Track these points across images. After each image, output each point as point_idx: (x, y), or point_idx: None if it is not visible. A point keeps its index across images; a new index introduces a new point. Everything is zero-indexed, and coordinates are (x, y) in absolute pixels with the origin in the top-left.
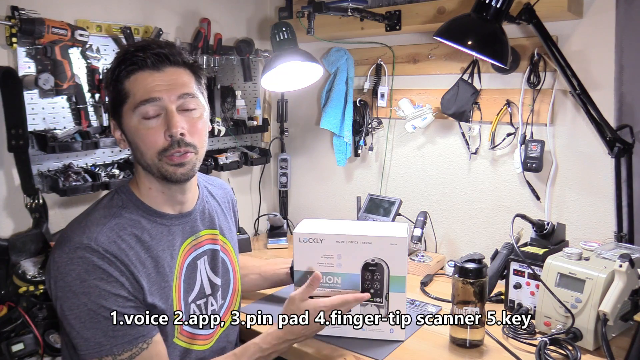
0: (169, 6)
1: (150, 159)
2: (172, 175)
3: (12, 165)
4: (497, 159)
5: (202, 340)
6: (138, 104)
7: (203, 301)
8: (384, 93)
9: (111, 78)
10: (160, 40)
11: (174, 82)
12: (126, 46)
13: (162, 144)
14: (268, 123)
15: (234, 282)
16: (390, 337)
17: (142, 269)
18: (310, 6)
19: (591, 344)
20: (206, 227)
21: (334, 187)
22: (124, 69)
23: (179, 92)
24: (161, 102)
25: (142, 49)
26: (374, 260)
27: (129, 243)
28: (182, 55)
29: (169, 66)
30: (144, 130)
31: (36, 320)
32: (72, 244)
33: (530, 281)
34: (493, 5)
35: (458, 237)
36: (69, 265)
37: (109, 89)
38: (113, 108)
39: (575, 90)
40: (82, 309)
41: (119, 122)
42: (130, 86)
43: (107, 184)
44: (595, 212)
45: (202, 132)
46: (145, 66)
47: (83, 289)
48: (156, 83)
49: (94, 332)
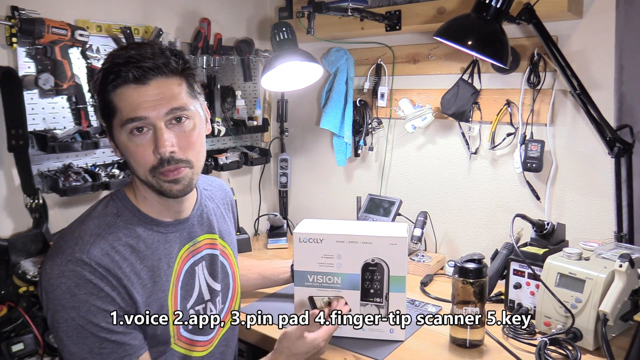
0: (169, 6)
1: (144, 176)
2: (169, 192)
3: (12, 165)
4: (497, 159)
5: (201, 346)
6: (125, 121)
7: (202, 307)
8: (384, 93)
9: (98, 89)
10: (148, 47)
11: (161, 97)
12: (113, 52)
13: (152, 161)
14: (268, 123)
15: (233, 285)
16: (390, 337)
17: (137, 281)
18: (310, 6)
19: (591, 344)
20: (204, 232)
21: (334, 187)
22: (109, 82)
23: (167, 107)
24: (148, 120)
25: (124, 62)
26: (374, 260)
27: (123, 255)
28: (169, 64)
29: (154, 78)
30: (133, 147)
31: (36, 320)
32: (64, 256)
33: (530, 281)
34: (493, 5)
35: (458, 237)
36: (60, 278)
37: (97, 99)
38: (103, 118)
39: (575, 90)
40: (70, 323)
41: (110, 133)
42: (117, 101)
43: (107, 184)
44: (595, 212)
45: (196, 144)
46: (128, 80)
47: (72, 303)
48: (142, 99)
49: (80, 348)
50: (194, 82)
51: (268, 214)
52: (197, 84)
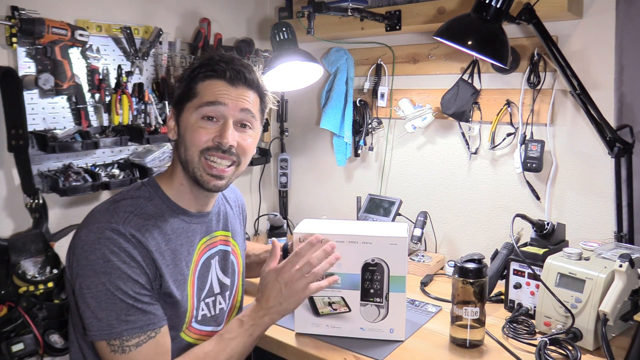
0: (169, 6)
1: (191, 155)
2: (205, 184)
3: (12, 165)
4: (497, 159)
5: (210, 337)
6: (203, 103)
7: (212, 299)
8: (384, 93)
9: (188, 75)
10: (243, 60)
11: (241, 98)
12: (212, 53)
13: (210, 144)
14: (268, 123)
15: (237, 283)
16: (390, 337)
17: (162, 259)
18: (310, 6)
19: (591, 344)
20: (220, 229)
21: (334, 187)
22: (203, 72)
23: (242, 107)
24: (224, 109)
25: (225, 61)
26: (374, 260)
27: (152, 233)
28: (257, 80)
29: (242, 85)
30: (197, 128)
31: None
32: (101, 224)
33: (530, 281)
34: (493, 5)
35: (458, 237)
36: (95, 244)
37: (182, 84)
38: (178, 101)
39: (575, 90)
40: (100, 289)
41: (177, 114)
42: (202, 88)
43: (107, 184)
44: (595, 212)
45: (248, 151)
46: (223, 77)
47: (105, 268)
48: (226, 93)
49: (108, 313)
50: (266, 105)
51: (268, 214)
52: (266, 108)
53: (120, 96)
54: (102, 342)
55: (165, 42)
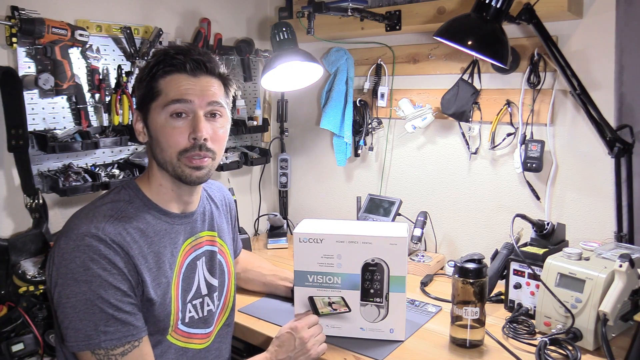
0: (169, 6)
1: (169, 157)
2: (188, 177)
3: (12, 165)
4: (497, 159)
5: (199, 339)
6: (169, 101)
7: (199, 301)
8: (384, 93)
9: (147, 74)
10: (200, 48)
11: (206, 90)
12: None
13: (184, 144)
14: (268, 123)
15: (228, 283)
16: (390, 337)
17: (144, 263)
18: (310, 6)
19: (591, 344)
20: (206, 229)
21: (334, 187)
22: (162, 68)
23: (209, 99)
24: (191, 105)
25: (182, 53)
26: (374, 260)
27: (133, 237)
28: (217, 67)
29: (203, 74)
30: (169, 129)
31: (36, 320)
32: (80, 232)
33: (530, 281)
34: (493, 5)
35: (458, 237)
36: (74, 252)
37: (142, 84)
38: (141, 102)
39: (575, 90)
40: (79, 298)
41: (144, 116)
42: (164, 85)
43: (107, 184)
44: (595, 212)
45: (222, 141)
46: (183, 70)
47: (85, 277)
48: (190, 87)
49: (86, 324)
50: (230, 91)
51: (268, 214)
52: (230, 92)
53: (120, 96)
54: (85, 352)
55: (165, 42)
